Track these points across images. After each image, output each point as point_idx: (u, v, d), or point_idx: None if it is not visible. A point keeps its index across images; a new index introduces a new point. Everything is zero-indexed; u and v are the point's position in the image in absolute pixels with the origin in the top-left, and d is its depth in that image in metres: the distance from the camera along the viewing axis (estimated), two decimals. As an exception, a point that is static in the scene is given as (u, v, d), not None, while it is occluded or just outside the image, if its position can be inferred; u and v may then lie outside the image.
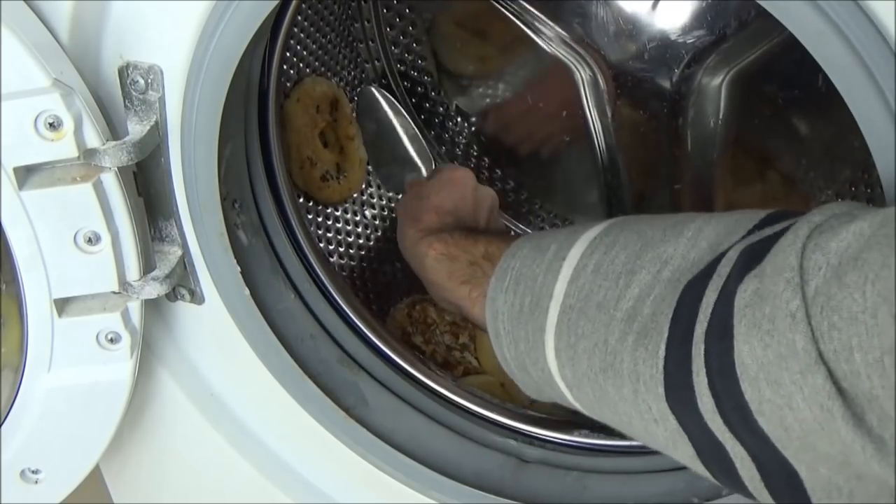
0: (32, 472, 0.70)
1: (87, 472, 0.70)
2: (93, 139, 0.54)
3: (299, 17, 0.86)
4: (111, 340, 0.62)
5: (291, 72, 0.86)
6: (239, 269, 0.63)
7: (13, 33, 0.51)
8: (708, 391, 0.41)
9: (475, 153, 1.01)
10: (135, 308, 0.62)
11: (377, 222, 0.95)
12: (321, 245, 0.87)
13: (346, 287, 0.75)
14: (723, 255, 0.44)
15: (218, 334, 0.67)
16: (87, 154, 0.54)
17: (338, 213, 0.92)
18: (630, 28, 0.84)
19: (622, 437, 0.69)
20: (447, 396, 0.73)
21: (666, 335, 0.44)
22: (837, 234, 0.38)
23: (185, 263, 0.64)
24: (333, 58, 0.92)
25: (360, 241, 0.93)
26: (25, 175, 0.55)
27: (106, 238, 0.57)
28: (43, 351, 0.62)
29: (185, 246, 0.63)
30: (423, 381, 0.73)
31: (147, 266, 0.61)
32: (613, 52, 0.86)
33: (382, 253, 0.94)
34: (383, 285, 0.91)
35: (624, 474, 0.67)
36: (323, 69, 0.91)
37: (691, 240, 0.47)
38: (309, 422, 0.69)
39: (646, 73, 0.85)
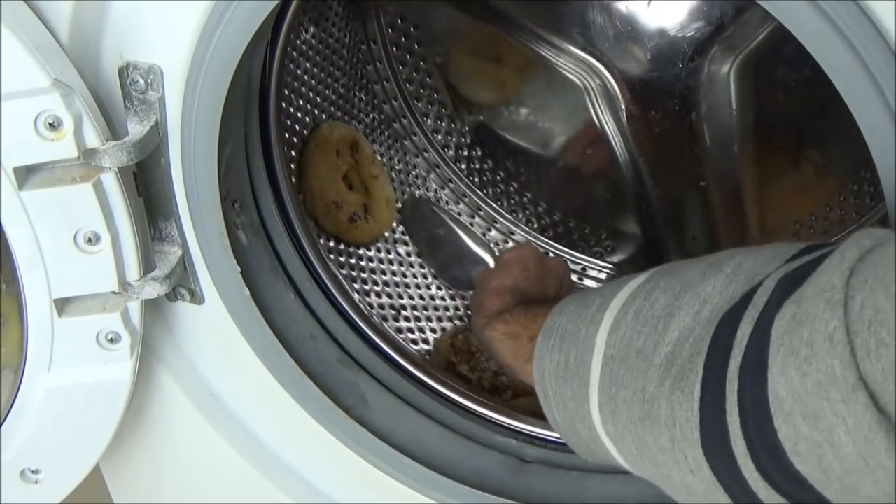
0: (32, 472, 0.70)
1: (87, 472, 0.70)
2: (93, 139, 0.54)
3: (309, 65, 0.87)
4: (111, 340, 0.62)
5: (307, 119, 0.87)
6: (239, 269, 0.63)
7: (13, 33, 0.51)
8: (740, 432, 0.39)
9: (501, 180, 1.00)
10: (135, 308, 0.62)
11: (411, 258, 0.95)
12: (356, 285, 0.88)
13: (347, 287, 0.75)
14: (758, 285, 0.42)
15: (218, 334, 0.67)
16: (87, 154, 0.54)
17: (371, 254, 0.92)
18: (629, 30, 0.84)
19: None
20: (447, 396, 0.73)
21: (701, 374, 0.41)
22: (887, 248, 0.36)
23: (185, 263, 0.64)
24: (349, 101, 0.93)
25: (396, 279, 0.93)
26: (25, 175, 0.55)
27: (106, 238, 0.57)
28: (43, 351, 0.62)
29: (185, 246, 0.63)
30: (423, 381, 0.73)
31: (147, 266, 0.61)
32: (617, 57, 0.86)
33: (420, 287, 0.94)
34: (424, 319, 0.92)
35: (624, 474, 0.66)
36: (339, 113, 0.92)
37: (730, 276, 0.44)
38: (309, 422, 0.69)
39: (652, 72, 0.85)
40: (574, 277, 0.99)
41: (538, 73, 0.91)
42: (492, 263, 0.96)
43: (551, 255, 1.00)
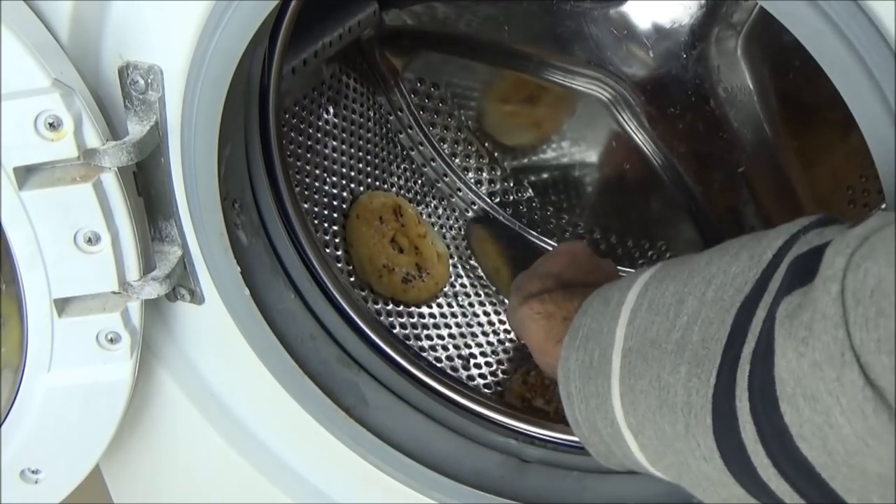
0: (32, 472, 0.70)
1: (87, 472, 0.70)
2: (93, 139, 0.54)
3: (336, 143, 0.89)
4: (111, 340, 0.62)
5: (344, 194, 0.90)
6: (239, 269, 0.63)
7: (13, 33, 0.51)
8: (750, 417, 0.39)
9: (551, 215, 1.01)
10: (135, 308, 0.62)
11: (475, 308, 0.96)
12: (420, 343, 0.89)
13: (347, 287, 0.75)
14: (773, 268, 0.41)
15: (218, 334, 0.67)
16: (87, 154, 0.54)
17: (432, 310, 0.93)
18: (626, 33, 0.84)
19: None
20: (447, 396, 0.73)
21: (718, 361, 0.42)
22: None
23: (185, 263, 0.64)
24: (387, 171, 0.97)
25: (462, 330, 0.94)
26: (25, 175, 0.55)
27: (106, 238, 0.57)
28: (43, 351, 0.62)
29: (185, 246, 0.63)
30: (423, 381, 0.73)
31: (147, 266, 0.61)
32: (622, 62, 0.86)
33: (488, 334, 0.95)
34: (495, 363, 0.92)
35: (624, 474, 0.66)
36: (377, 184, 0.95)
37: (734, 255, 0.45)
38: (309, 422, 0.69)
39: (659, 68, 0.84)
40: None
41: (563, 100, 0.92)
42: None
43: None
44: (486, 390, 0.88)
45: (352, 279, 0.88)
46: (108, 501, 0.84)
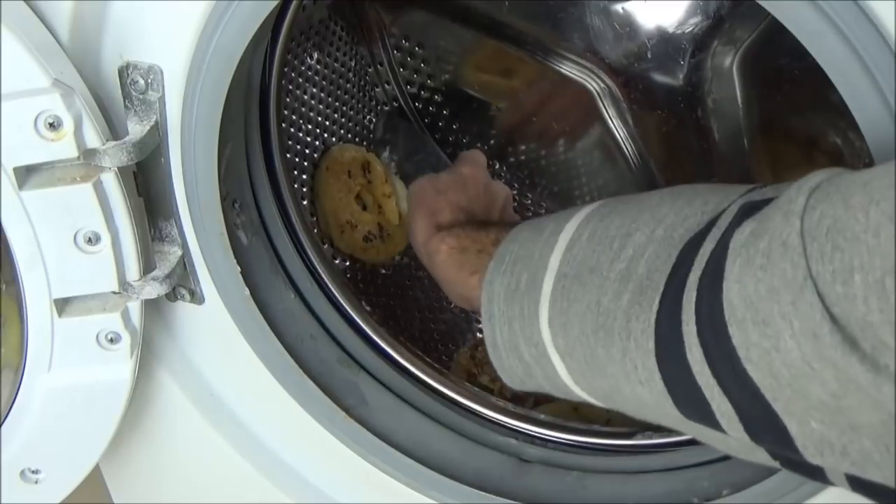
0: (32, 472, 0.70)
1: (87, 472, 0.70)
2: (93, 139, 0.54)
3: (315, 90, 0.88)
4: (111, 340, 0.62)
5: (317, 143, 0.88)
6: (239, 269, 0.63)
7: (13, 33, 0.51)
8: (697, 340, 0.41)
9: (516, 193, 1.00)
10: (135, 308, 0.62)
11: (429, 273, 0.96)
12: (376, 307, 0.89)
13: (347, 286, 0.75)
14: (722, 212, 0.44)
15: (218, 334, 0.67)
16: (87, 154, 0.54)
17: (388, 273, 0.92)
18: (628, 30, 0.84)
19: (622, 436, 0.69)
20: (448, 396, 0.73)
21: (661, 289, 0.43)
22: (852, 173, 0.38)
23: (185, 263, 0.64)
24: (359, 124, 0.95)
25: (416, 296, 0.94)
26: (25, 175, 0.55)
27: (106, 238, 0.57)
28: (43, 351, 0.62)
29: (185, 246, 0.63)
30: (423, 381, 0.73)
31: (147, 266, 0.61)
32: (618, 58, 0.86)
33: (441, 301, 0.94)
34: (443, 333, 0.92)
35: (624, 474, 0.67)
36: (349, 136, 0.93)
37: (687, 200, 0.47)
38: (309, 422, 0.69)
39: (653, 71, 0.85)
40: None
41: (546, 81, 0.91)
42: None
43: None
44: (432, 355, 0.87)
45: (315, 231, 0.86)
46: (108, 501, 0.84)
